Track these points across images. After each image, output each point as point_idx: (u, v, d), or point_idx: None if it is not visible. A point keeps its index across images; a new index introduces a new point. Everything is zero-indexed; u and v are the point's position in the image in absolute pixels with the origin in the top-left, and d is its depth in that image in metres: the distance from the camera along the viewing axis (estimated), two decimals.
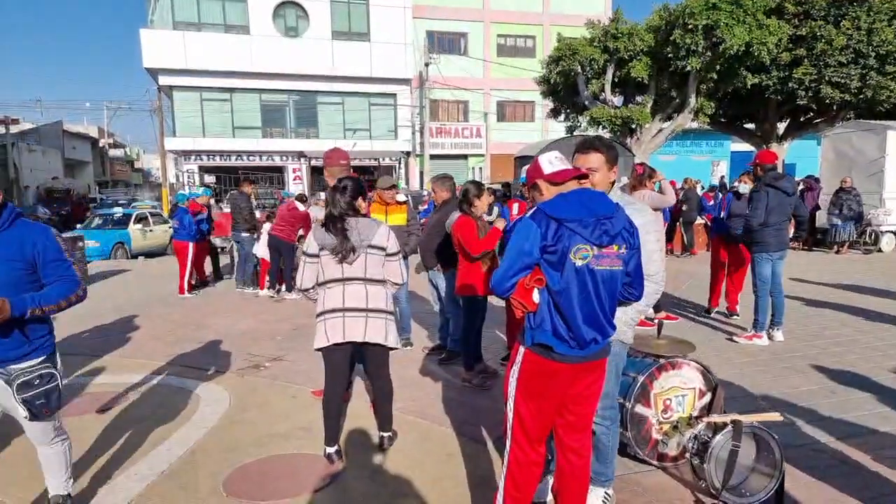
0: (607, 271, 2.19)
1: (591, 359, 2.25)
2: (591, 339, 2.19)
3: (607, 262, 2.18)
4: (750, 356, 5.23)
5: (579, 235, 2.13)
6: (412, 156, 27.66)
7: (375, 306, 3.23)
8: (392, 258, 3.30)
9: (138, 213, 16.14)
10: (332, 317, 3.19)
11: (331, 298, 3.21)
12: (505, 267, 2.21)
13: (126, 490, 3.01)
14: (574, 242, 2.13)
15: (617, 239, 2.19)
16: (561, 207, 2.17)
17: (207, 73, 24.37)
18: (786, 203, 5.50)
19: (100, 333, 6.49)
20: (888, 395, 4.18)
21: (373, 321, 3.22)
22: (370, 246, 3.21)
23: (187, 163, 25.42)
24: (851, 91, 13.16)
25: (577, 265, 2.14)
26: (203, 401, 4.30)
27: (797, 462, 3.20)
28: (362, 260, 3.19)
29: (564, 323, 2.17)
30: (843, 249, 12.22)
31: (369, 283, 3.23)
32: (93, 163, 43.21)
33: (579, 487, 2.40)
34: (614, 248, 2.19)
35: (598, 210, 2.17)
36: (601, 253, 2.16)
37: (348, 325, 3.18)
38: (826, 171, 13.57)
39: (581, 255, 2.14)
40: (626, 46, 13.58)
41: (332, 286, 3.22)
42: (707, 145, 28.23)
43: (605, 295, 2.20)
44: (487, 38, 28.35)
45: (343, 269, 3.18)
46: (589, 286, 2.17)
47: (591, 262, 2.16)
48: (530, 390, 2.29)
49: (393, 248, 3.30)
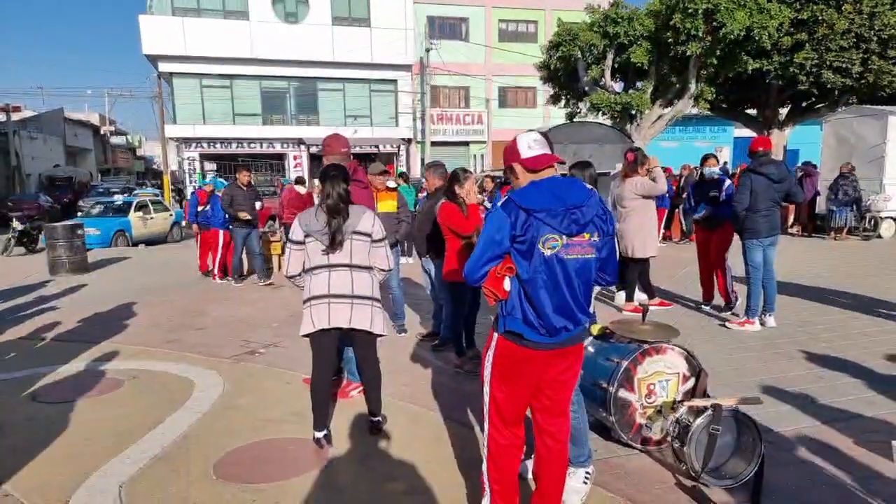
0: (578, 260, 2.22)
1: (563, 345, 2.28)
2: (562, 326, 2.22)
3: (577, 251, 2.21)
4: (741, 342, 5.27)
5: (548, 225, 2.15)
6: (413, 143, 27.57)
7: (361, 293, 3.26)
8: (378, 244, 3.32)
9: (139, 200, 16.19)
10: (318, 303, 3.23)
11: (317, 285, 3.24)
12: (476, 256, 2.24)
13: (118, 473, 3.08)
14: (542, 232, 2.16)
15: (588, 227, 2.21)
16: (531, 197, 2.19)
17: (207, 59, 24.28)
18: (772, 189, 5.48)
19: (99, 320, 6.56)
20: (876, 381, 4.21)
21: (358, 308, 3.25)
22: (355, 232, 3.22)
23: (188, 150, 25.42)
24: (853, 76, 13.03)
25: (545, 255, 2.17)
26: (198, 387, 4.36)
27: (779, 446, 3.25)
28: (348, 246, 3.22)
29: (534, 311, 2.21)
30: (841, 235, 12.20)
31: (355, 269, 3.25)
32: (94, 150, 43.17)
33: (558, 471, 2.45)
34: (585, 236, 2.21)
35: (568, 199, 2.18)
36: (571, 242, 2.19)
37: (333, 311, 3.21)
38: (827, 157, 13.49)
39: (550, 244, 2.17)
40: (627, 31, 13.48)
41: (318, 272, 3.25)
42: (710, 131, 28.07)
43: (577, 283, 2.23)
44: (489, 24, 28.10)
45: (329, 255, 3.21)
46: (558, 275, 2.20)
47: (561, 251, 2.18)
48: (504, 375, 2.34)
49: (379, 234, 3.31)
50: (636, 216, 6.26)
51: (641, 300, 6.59)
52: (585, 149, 11.55)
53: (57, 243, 9.76)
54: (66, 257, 9.76)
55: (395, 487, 2.95)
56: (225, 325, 6.31)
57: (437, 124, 27.29)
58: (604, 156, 11.63)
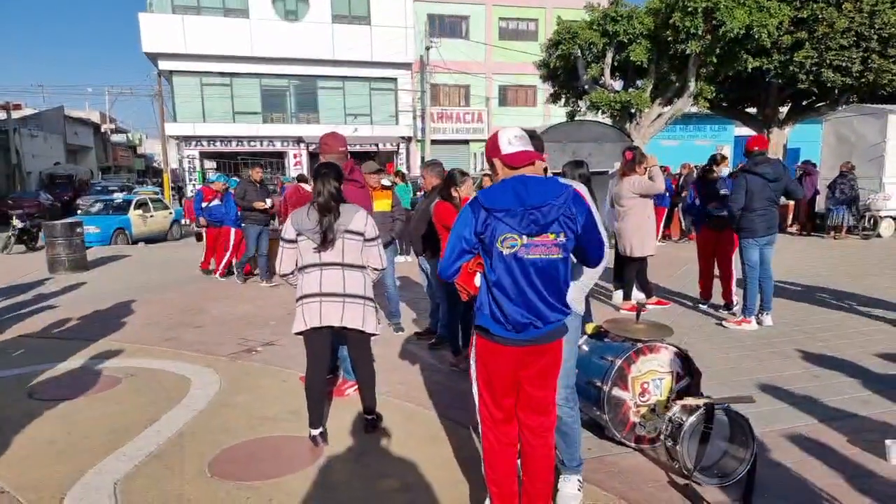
0: (541, 259, 2.23)
1: (536, 342, 2.29)
2: (527, 322, 2.24)
3: (540, 251, 2.22)
4: (738, 341, 5.27)
5: (506, 225, 2.19)
6: (413, 141, 27.56)
7: (353, 292, 3.27)
8: (371, 244, 3.32)
9: (139, 199, 16.21)
10: (310, 301, 3.24)
11: (308, 283, 3.26)
12: (447, 252, 2.32)
13: (113, 471, 3.09)
14: (500, 231, 2.20)
15: (551, 227, 2.21)
16: (493, 196, 2.24)
17: (207, 57, 24.25)
18: (768, 188, 5.48)
19: (97, 318, 6.57)
20: (872, 380, 4.22)
21: (350, 307, 3.26)
22: (347, 231, 3.23)
23: (188, 148, 25.41)
24: (853, 75, 12.99)
25: (504, 253, 2.22)
26: (194, 384, 4.37)
27: (773, 444, 3.26)
28: (339, 245, 3.22)
29: (498, 307, 2.25)
30: (840, 234, 12.19)
31: (347, 268, 3.26)
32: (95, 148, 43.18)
33: (542, 469, 2.45)
34: (549, 236, 2.21)
35: (528, 199, 2.19)
36: (532, 242, 2.21)
37: (325, 309, 3.22)
38: (827, 156, 13.49)
39: (508, 243, 2.21)
40: (626, 29, 13.45)
41: (309, 271, 3.26)
42: (710, 130, 28.06)
43: (541, 282, 2.24)
44: (489, 22, 28.05)
45: (321, 254, 3.22)
46: (517, 273, 2.22)
47: (520, 251, 2.21)
48: (483, 371, 2.39)
49: (372, 233, 3.32)
50: (634, 215, 6.26)
51: (639, 299, 6.59)
52: (584, 147, 11.54)
53: (56, 241, 9.77)
54: (65, 255, 9.77)
55: (388, 485, 2.96)
56: (223, 323, 6.32)
57: (437, 123, 27.27)
58: (603, 154, 11.62)
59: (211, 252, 9.28)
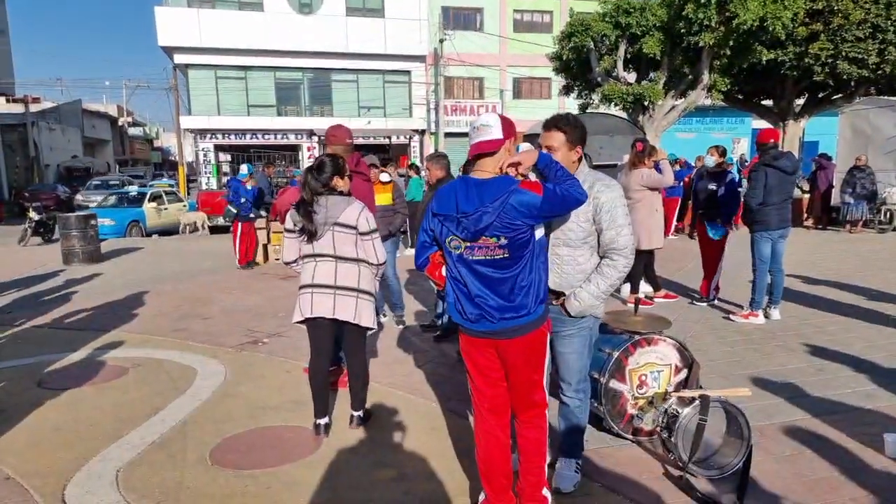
0: (487, 260, 2.25)
1: (496, 336, 2.30)
2: (479, 317, 2.28)
3: (483, 253, 2.24)
4: (744, 334, 5.23)
5: (448, 228, 2.28)
6: (427, 134, 27.54)
7: (345, 284, 3.27)
8: (365, 237, 3.30)
9: (153, 191, 16.43)
10: (304, 292, 3.30)
11: (305, 274, 3.32)
12: (417, 244, 2.45)
13: (116, 459, 3.15)
14: (445, 234, 2.30)
15: (488, 232, 2.20)
16: (438, 198, 2.32)
17: (222, 50, 24.41)
18: (786, 181, 5.44)
19: (108, 309, 6.70)
20: (878, 374, 4.17)
21: (342, 299, 3.26)
22: (337, 224, 3.22)
23: (203, 141, 25.65)
24: (869, 67, 12.73)
25: (451, 253, 2.30)
26: (200, 375, 4.44)
27: (771, 438, 3.24)
28: (329, 237, 3.24)
29: (456, 298, 2.34)
30: (856, 228, 11.99)
31: (341, 260, 3.28)
32: (112, 141, 43.76)
33: (531, 462, 2.47)
34: (490, 240, 2.21)
35: (462, 206, 2.22)
36: (474, 245, 2.24)
37: (316, 301, 3.25)
38: (843, 149, 13.23)
39: (453, 245, 2.29)
40: (639, 22, 13.29)
41: (307, 262, 3.31)
42: (728, 122, 27.69)
43: (488, 281, 2.26)
44: (503, 14, 27.86)
45: (314, 245, 3.26)
46: (465, 272, 2.29)
47: (465, 252, 2.27)
48: (466, 360, 2.45)
49: (365, 227, 3.28)
50: (642, 207, 6.22)
51: (647, 292, 6.58)
52: (596, 140, 11.42)
53: (70, 234, 9.94)
54: (79, 247, 9.94)
55: (385, 474, 2.99)
56: (231, 314, 6.40)
57: (451, 115, 27.20)
58: (615, 147, 11.51)
59: (244, 245, 9.37)
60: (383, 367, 4.60)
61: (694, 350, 3.43)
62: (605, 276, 2.57)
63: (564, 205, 2.27)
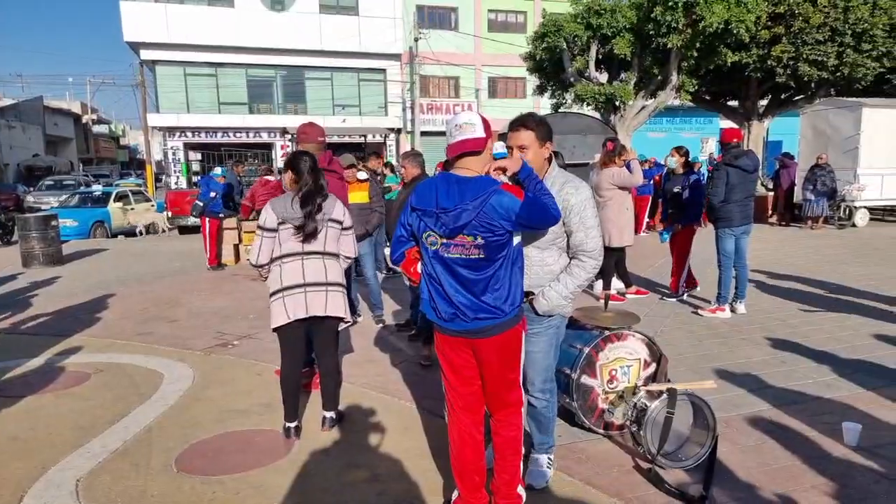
0: (462, 258, 2.23)
1: (469, 335, 2.29)
2: (453, 315, 2.28)
3: (459, 251, 2.23)
4: (711, 329, 5.35)
5: (425, 223, 2.27)
6: (403, 132, 27.44)
7: (334, 280, 3.31)
8: (347, 232, 3.39)
9: (119, 191, 15.99)
10: (294, 293, 3.20)
11: (290, 274, 3.21)
12: (393, 238, 2.44)
13: (77, 468, 3.05)
14: (423, 229, 2.29)
15: (466, 230, 2.18)
16: (418, 193, 2.31)
17: (191, 47, 23.91)
18: (747, 180, 5.59)
19: (70, 313, 6.49)
20: (837, 365, 4.30)
21: (332, 295, 3.28)
22: (330, 220, 3.28)
23: (171, 139, 25.10)
24: (829, 69, 13.17)
25: (428, 249, 2.30)
26: (166, 379, 4.33)
27: (737, 428, 3.32)
28: (323, 234, 3.25)
29: (430, 296, 2.33)
30: (817, 225, 12.39)
31: (327, 256, 3.29)
32: (76, 139, 42.55)
33: (505, 459, 2.47)
34: (467, 238, 2.20)
35: (441, 201, 2.21)
36: (450, 242, 2.23)
37: (310, 300, 3.21)
38: (804, 148, 13.68)
39: (430, 241, 2.28)
40: (609, 23, 13.47)
41: (289, 260, 3.22)
42: (696, 122, 28.28)
43: (462, 280, 2.25)
44: (478, 13, 27.94)
45: (303, 243, 3.21)
46: (440, 269, 2.28)
47: (441, 249, 2.26)
48: (440, 358, 2.44)
49: (348, 222, 3.39)
50: (613, 205, 6.31)
51: (619, 288, 6.68)
52: (569, 139, 11.57)
53: (30, 235, 9.59)
54: (39, 249, 9.60)
55: (358, 476, 2.96)
56: (199, 316, 6.27)
57: (427, 114, 27.17)
58: (587, 146, 11.65)
59: (215, 245, 9.23)
60: (357, 367, 4.57)
61: (663, 344, 3.49)
62: (574, 276, 2.60)
63: (542, 216, 2.25)
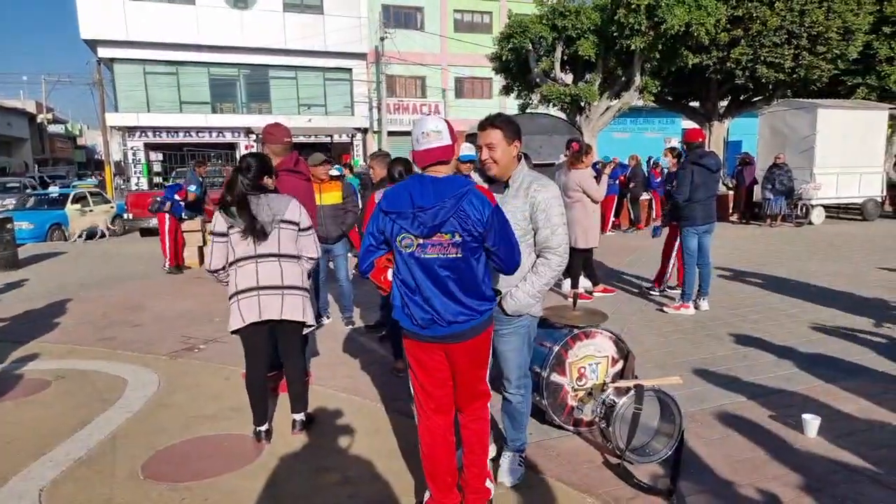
0: (439, 258, 2.25)
1: (444, 341, 2.31)
2: (430, 319, 2.27)
3: (437, 251, 2.24)
4: (676, 325, 5.48)
5: (399, 225, 2.25)
6: (370, 132, 27.27)
7: (291, 283, 3.21)
8: (306, 233, 3.30)
9: (77, 192, 15.44)
10: (247, 296, 3.15)
11: (244, 277, 3.16)
12: (361, 248, 2.40)
13: (39, 477, 2.96)
14: (397, 232, 2.27)
15: (444, 227, 2.21)
16: (388, 197, 2.30)
17: (150, 44, 23.28)
18: (711, 179, 5.74)
19: (27, 319, 6.25)
20: (796, 359, 4.46)
21: (289, 298, 3.20)
22: (283, 221, 3.18)
23: (131, 139, 24.38)
24: (785, 70, 13.65)
25: (403, 252, 2.28)
26: (130, 385, 4.22)
27: (703, 422, 3.41)
28: (276, 235, 3.17)
29: (404, 303, 2.31)
30: (776, 222, 12.82)
31: (284, 259, 3.20)
32: (31, 139, 40.96)
33: (473, 444, 2.51)
34: (445, 236, 2.23)
35: (417, 201, 2.22)
36: (427, 242, 2.24)
37: (264, 303, 3.15)
38: (762, 148, 14.14)
39: (405, 243, 2.26)
40: (574, 24, 13.68)
41: (243, 264, 3.17)
42: (659, 123, 28.92)
43: (445, 281, 2.26)
44: (444, 13, 27.96)
45: (255, 245, 3.14)
46: (417, 271, 2.27)
47: (416, 250, 2.26)
48: (411, 364, 2.44)
49: (306, 222, 3.29)
50: (580, 207, 6.40)
51: (586, 287, 6.79)
52: (535, 140, 11.69)
53: None
54: None
55: (329, 478, 2.94)
56: (163, 320, 6.12)
57: (394, 114, 27.07)
58: (553, 146, 11.80)
59: (174, 245, 9.00)
60: (327, 368, 4.53)
61: (629, 342, 3.56)
62: (540, 275, 2.63)
63: (504, 235, 2.28)
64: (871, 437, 3.19)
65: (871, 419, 3.41)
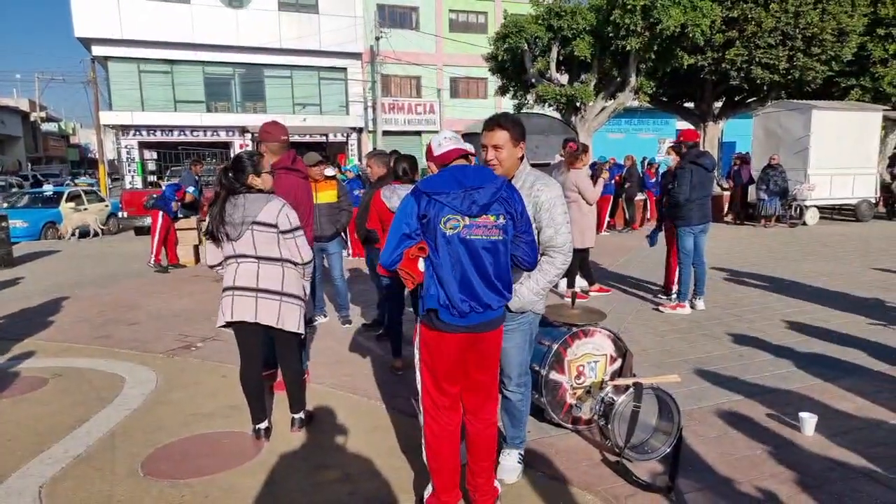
0: (482, 240, 2.27)
1: (476, 330, 2.33)
2: (469, 308, 2.27)
3: (482, 232, 2.26)
4: (672, 325, 5.51)
5: (447, 206, 2.24)
6: (365, 132, 27.24)
7: (266, 286, 3.12)
8: (287, 236, 3.15)
9: (71, 190, 15.37)
10: (225, 295, 3.17)
11: (228, 276, 3.19)
12: (389, 238, 2.33)
13: (38, 474, 2.95)
14: (443, 213, 2.25)
15: (491, 209, 2.27)
16: (433, 182, 2.30)
17: (145, 43, 23.18)
18: (707, 179, 5.78)
19: (23, 317, 6.22)
20: (792, 357, 4.50)
21: (264, 302, 3.12)
22: (255, 223, 3.07)
23: (125, 138, 24.25)
24: (780, 72, 13.73)
25: (447, 234, 2.25)
26: (128, 383, 4.21)
27: (701, 420, 3.43)
28: (249, 237, 3.09)
29: (444, 291, 2.27)
30: (770, 223, 12.90)
31: (263, 261, 3.14)
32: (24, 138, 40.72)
33: (485, 450, 2.51)
34: (490, 218, 2.27)
35: (465, 182, 2.26)
36: (473, 223, 2.25)
37: (237, 304, 3.12)
38: (757, 149, 14.22)
39: (451, 224, 2.25)
40: (570, 25, 13.69)
41: (229, 263, 3.19)
42: (654, 123, 29.02)
43: (485, 264, 2.28)
44: (439, 13, 27.97)
45: (234, 246, 3.13)
46: (461, 255, 2.26)
47: (463, 231, 2.25)
48: (427, 360, 2.42)
49: (286, 224, 3.13)
50: (577, 208, 6.42)
51: (583, 286, 6.81)
52: (531, 140, 11.69)
53: None
54: None
55: (329, 476, 2.95)
56: (160, 318, 6.10)
57: (389, 114, 27.05)
58: (549, 146, 11.85)
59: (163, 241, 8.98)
60: (325, 367, 4.53)
61: (627, 341, 3.58)
62: (545, 272, 2.65)
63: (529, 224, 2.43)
64: (868, 435, 3.22)
65: (867, 417, 3.45)
